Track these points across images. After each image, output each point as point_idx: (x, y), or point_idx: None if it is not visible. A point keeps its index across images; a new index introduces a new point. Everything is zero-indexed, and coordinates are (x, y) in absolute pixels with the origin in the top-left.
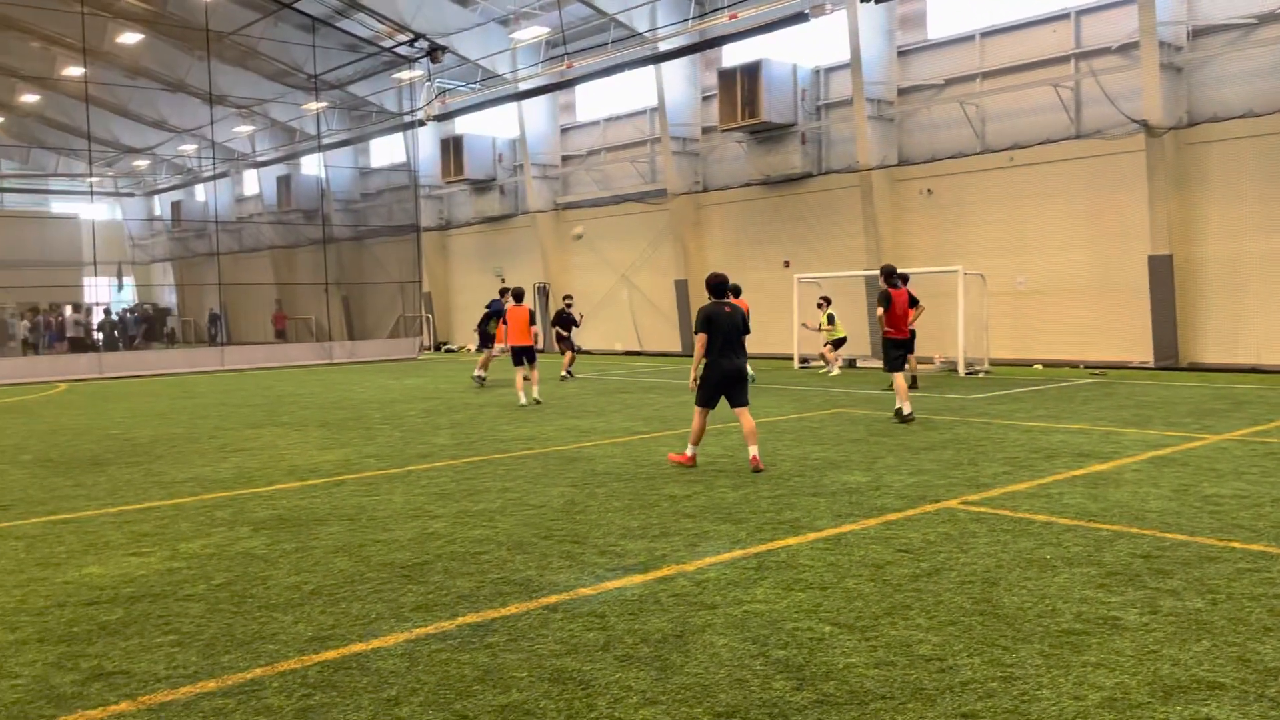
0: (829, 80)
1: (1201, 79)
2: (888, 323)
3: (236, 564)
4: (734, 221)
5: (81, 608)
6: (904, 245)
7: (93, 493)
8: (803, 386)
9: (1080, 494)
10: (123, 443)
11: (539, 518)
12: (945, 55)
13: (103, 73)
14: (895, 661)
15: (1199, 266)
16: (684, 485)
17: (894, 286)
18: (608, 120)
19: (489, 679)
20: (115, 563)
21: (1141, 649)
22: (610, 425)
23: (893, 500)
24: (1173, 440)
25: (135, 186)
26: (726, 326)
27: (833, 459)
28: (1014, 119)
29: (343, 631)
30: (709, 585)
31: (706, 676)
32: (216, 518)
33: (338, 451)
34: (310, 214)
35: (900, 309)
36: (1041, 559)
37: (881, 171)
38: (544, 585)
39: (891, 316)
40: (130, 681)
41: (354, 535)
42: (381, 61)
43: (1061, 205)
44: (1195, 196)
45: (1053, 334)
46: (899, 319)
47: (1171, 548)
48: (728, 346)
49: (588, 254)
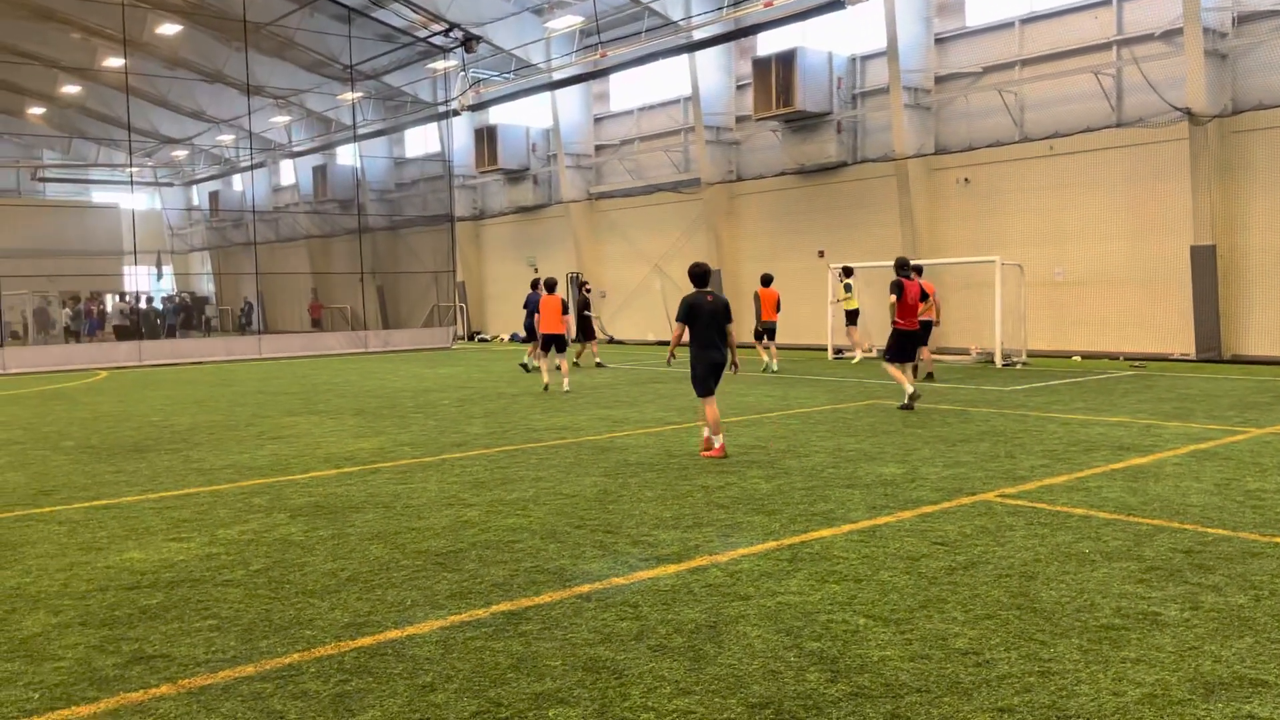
0: (865, 68)
1: (1246, 66)
2: (899, 314)
3: (274, 550)
4: (768, 211)
5: (123, 592)
6: (940, 235)
7: (133, 479)
8: (837, 377)
9: (1120, 488)
10: (162, 430)
11: (572, 507)
12: (984, 42)
13: (142, 64)
14: (931, 655)
15: (1243, 257)
16: (717, 476)
17: (906, 278)
18: (641, 109)
19: (523, 667)
20: (155, 548)
21: (1182, 645)
22: (643, 415)
23: (928, 493)
24: (1215, 434)
25: (174, 176)
26: (707, 316)
27: (867, 450)
28: (1054, 107)
29: (378, 618)
30: (742, 576)
31: (740, 668)
32: (254, 504)
33: (373, 440)
34: (346, 204)
35: (911, 300)
36: (1080, 553)
37: (918, 160)
38: (577, 574)
39: (902, 307)
40: (170, 665)
41: (389, 523)
42: (416, 51)
43: (1102, 195)
44: (1239, 186)
45: (1092, 325)
46: (909, 310)
47: (1213, 543)
48: (710, 336)
49: (621, 244)
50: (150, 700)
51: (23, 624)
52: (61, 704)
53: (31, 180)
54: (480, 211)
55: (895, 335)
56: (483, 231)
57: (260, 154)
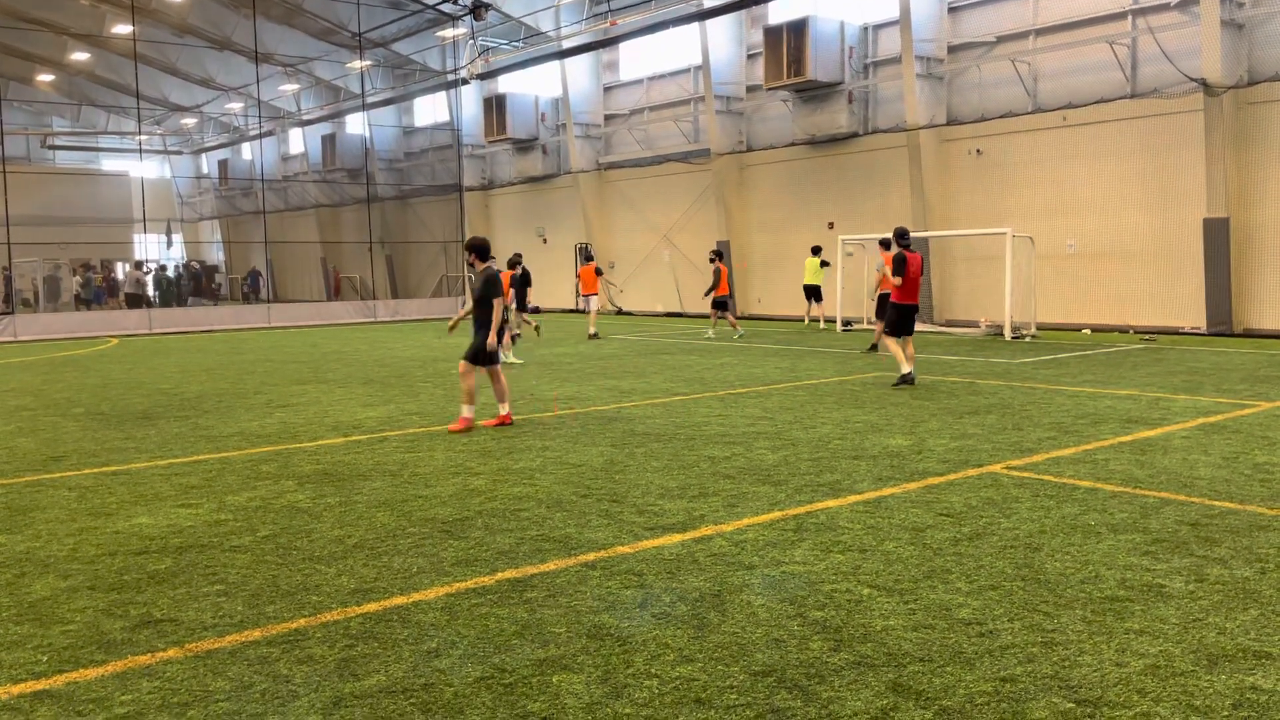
0: (877, 37)
1: (1263, 36)
2: (902, 288)
3: (281, 517)
4: (778, 182)
5: (131, 557)
6: (951, 207)
7: (143, 445)
8: (845, 349)
9: (1127, 460)
10: (172, 397)
11: (578, 476)
12: (997, 11)
13: (151, 30)
14: (934, 625)
15: (1257, 230)
16: (723, 447)
17: (908, 249)
18: (651, 79)
19: (527, 633)
20: (164, 514)
21: (1187, 617)
22: (650, 386)
23: (935, 464)
24: (1224, 407)
25: (183, 144)
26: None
27: (875, 422)
28: (1067, 77)
29: (384, 584)
30: (747, 546)
31: (743, 636)
32: (262, 471)
33: (381, 409)
34: (354, 173)
35: (914, 273)
36: (1085, 525)
37: (930, 131)
38: (583, 543)
39: (906, 281)
40: (178, 629)
41: (396, 491)
42: (425, 19)
43: (1115, 166)
44: (1254, 158)
45: (1103, 298)
46: (912, 284)
47: (1220, 515)
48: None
49: (630, 215)
50: (158, 664)
51: (32, 588)
52: (70, 666)
53: (41, 147)
54: (489, 181)
55: (894, 309)
56: (491, 201)
57: (269, 122)
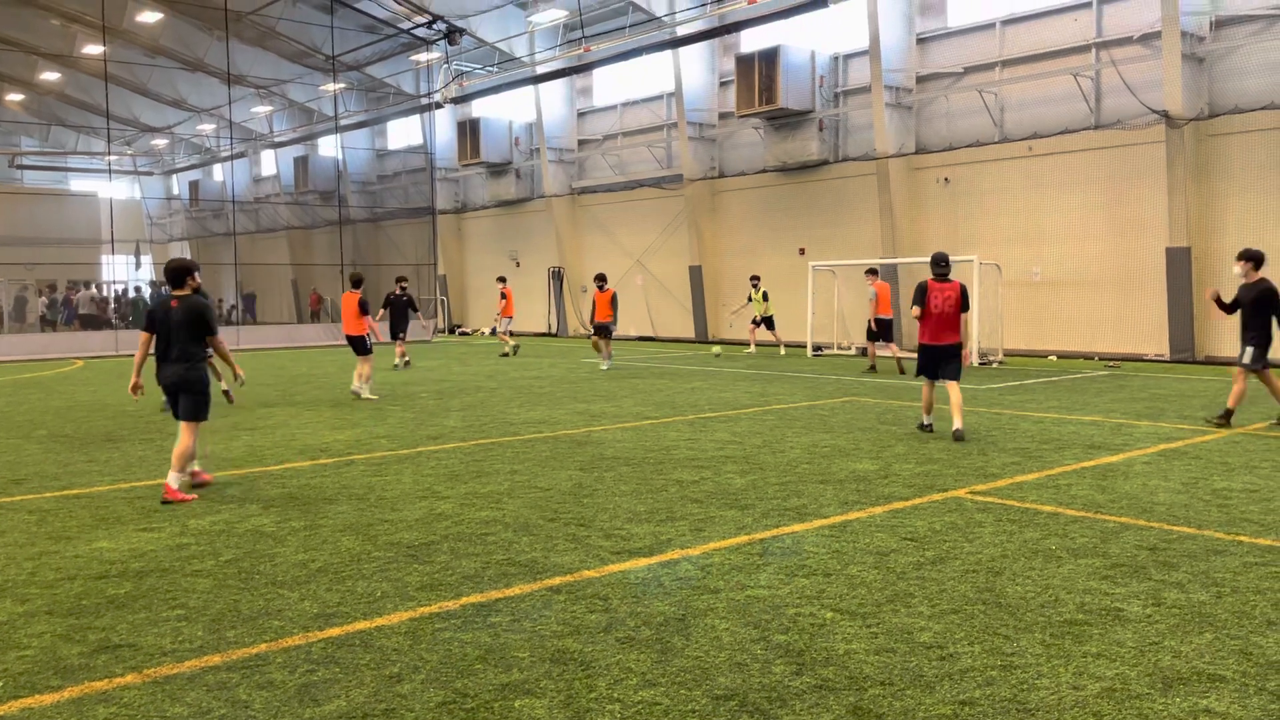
0: (847, 67)
1: (1223, 70)
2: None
3: (245, 541)
4: (750, 208)
5: (91, 581)
6: (920, 234)
7: (106, 468)
8: (815, 374)
9: (1089, 485)
10: (137, 419)
11: (546, 500)
12: (965, 43)
13: (122, 51)
14: (895, 648)
15: (1217, 260)
16: (692, 470)
17: (937, 278)
18: (625, 105)
19: (490, 658)
20: (125, 538)
21: (1143, 640)
22: (620, 410)
23: (900, 489)
24: (1185, 433)
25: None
26: (167, 326)
27: (842, 447)
28: (1033, 108)
29: (347, 609)
30: (713, 570)
31: (707, 660)
32: (227, 495)
33: (349, 432)
34: (327, 195)
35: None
36: (1047, 549)
37: (899, 159)
38: (549, 567)
39: (926, 316)
40: (136, 654)
41: (362, 515)
42: (399, 43)
43: (1079, 196)
44: (1215, 189)
45: (1068, 325)
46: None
47: (1178, 540)
48: (168, 349)
49: (602, 238)
50: (115, 689)
51: None
52: (25, 692)
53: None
54: (462, 204)
55: (919, 349)
56: (464, 224)
57: (241, 144)
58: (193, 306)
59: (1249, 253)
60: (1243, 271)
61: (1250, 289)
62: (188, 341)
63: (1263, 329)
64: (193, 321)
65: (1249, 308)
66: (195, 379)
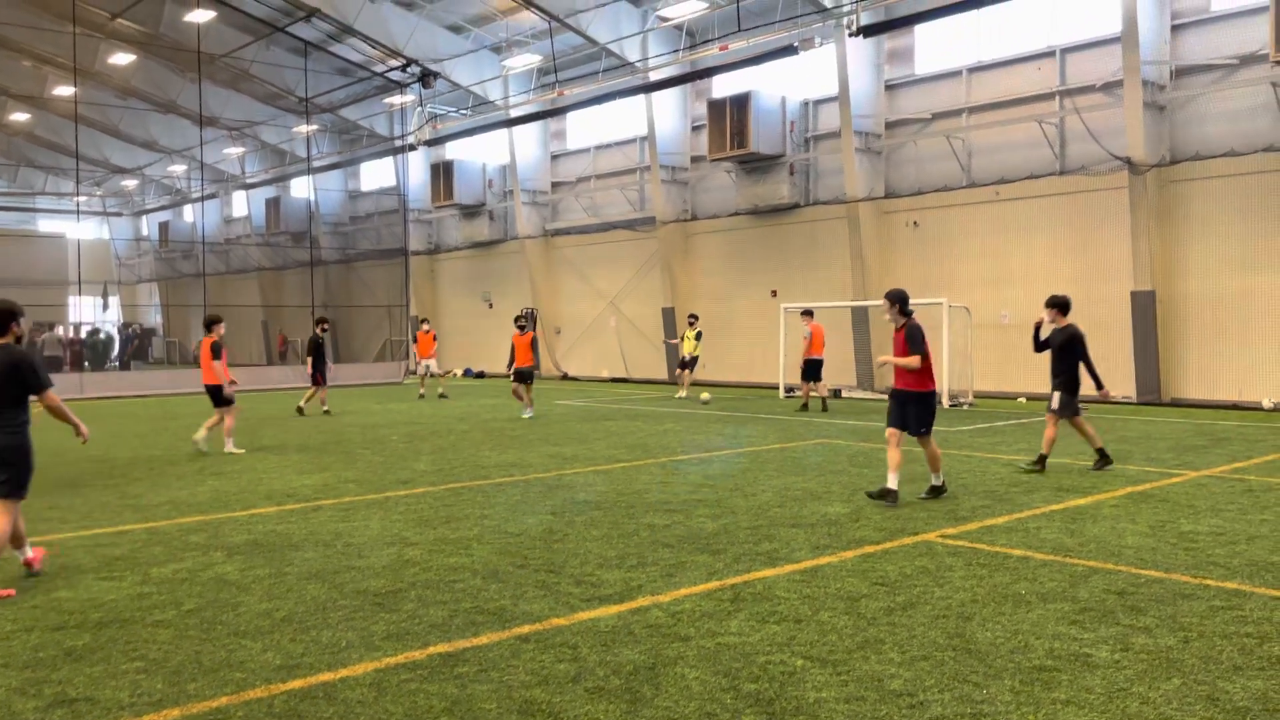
0: (818, 112)
1: (1184, 118)
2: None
3: (208, 590)
4: (722, 250)
5: (48, 633)
6: (890, 277)
7: (66, 515)
8: (788, 416)
9: (1058, 529)
10: (100, 464)
11: (516, 546)
12: (932, 90)
13: (94, 93)
14: (865, 696)
15: (1181, 302)
16: (663, 515)
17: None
18: (598, 148)
19: (456, 710)
20: (85, 587)
21: (1112, 686)
22: (593, 453)
23: (871, 532)
24: (1152, 476)
25: (123, 206)
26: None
27: (814, 490)
28: (999, 154)
29: (311, 660)
30: (683, 617)
31: (676, 710)
32: (190, 542)
33: (317, 476)
34: (298, 236)
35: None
36: (1016, 594)
37: (868, 203)
38: (517, 615)
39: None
40: (94, 708)
41: (328, 562)
42: (373, 86)
43: (1045, 240)
44: (1177, 233)
45: (1036, 368)
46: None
47: (1146, 584)
48: None
49: (576, 281)
50: None
51: None
52: None
53: None
54: (435, 246)
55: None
56: (438, 266)
57: (212, 185)
58: (10, 359)
59: (1055, 299)
60: (1051, 318)
61: (1060, 333)
62: (4, 403)
63: (1068, 373)
64: (9, 377)
65: (1057, 351)
66: (15, 446)
